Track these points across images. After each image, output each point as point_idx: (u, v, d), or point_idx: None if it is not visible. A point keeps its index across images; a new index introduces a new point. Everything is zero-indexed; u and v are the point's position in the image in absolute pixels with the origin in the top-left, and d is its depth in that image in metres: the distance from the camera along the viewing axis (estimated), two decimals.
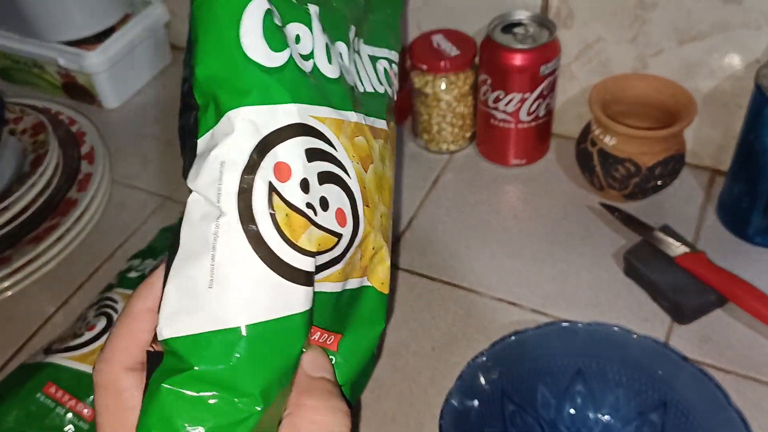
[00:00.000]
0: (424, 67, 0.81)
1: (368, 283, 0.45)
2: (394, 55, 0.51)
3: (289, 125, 0.36)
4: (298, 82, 0.37)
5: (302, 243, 0.36)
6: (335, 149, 0.39)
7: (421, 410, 0.65)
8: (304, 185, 0.36)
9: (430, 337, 0.70)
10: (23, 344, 0.73)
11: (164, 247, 0.73)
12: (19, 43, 0.98)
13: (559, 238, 0.77)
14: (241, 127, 0.35)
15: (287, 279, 0.35)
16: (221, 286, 0.34)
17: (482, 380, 0.59)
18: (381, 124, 0.46)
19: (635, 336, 0.59)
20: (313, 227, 0.37)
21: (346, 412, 0.39)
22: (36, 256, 0.77)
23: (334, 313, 0.42)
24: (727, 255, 0.72)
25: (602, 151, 0.75)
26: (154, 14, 1.01)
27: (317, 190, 0.37)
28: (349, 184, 0.39)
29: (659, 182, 0.76)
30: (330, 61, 0.40)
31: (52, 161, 0.82)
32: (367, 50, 0.48)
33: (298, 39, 0.39)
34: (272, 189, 0.35)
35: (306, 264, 0.36)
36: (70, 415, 0.59)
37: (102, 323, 0.64)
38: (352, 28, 0.45)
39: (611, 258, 0.75)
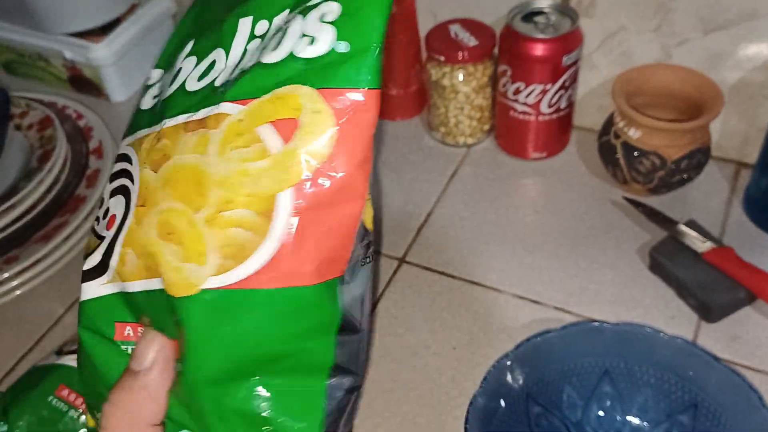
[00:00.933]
0: (441, 58, 0.79)
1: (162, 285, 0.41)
2: None
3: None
4: (129, 125, 0.48)
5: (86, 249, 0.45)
6: (131, 164, 0.44)
7: (443, 412, 0.63)
8: (101, 202, 0.46)
9: (450, 336, 0.68)
10: (33, 345, 0.71)
11: None
12: (24, 35, 0.97)
13: (581, 233, 0.75)
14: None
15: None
16: None
17: (508, 381, 0.58)
18: (225, 108, 0.40)
19: (665, 336, 0.58)
20: (91, 234, 0.46)
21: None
22: (44, 255, 0.76)
23: (157, 315, 0.41)
24: (754, 250, 0.70)
25: (626, 144, 0.73)
26: (161, 5, 0.99)
27: (106, 204, 0.45)
28: (131, 190, 0.43)
29: (684, 176, 0.74)
30: (170, 85, 0.45)
31: (60, 157, 0.80)
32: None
33: (159, 81, 0.48)
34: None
35: (85, 264, 0.45)
36: (83, 418, 0.58)
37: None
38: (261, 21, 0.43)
39: (635, 254, 0.73)
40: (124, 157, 0.45)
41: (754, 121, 0.77)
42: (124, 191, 0.43)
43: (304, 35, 0.39)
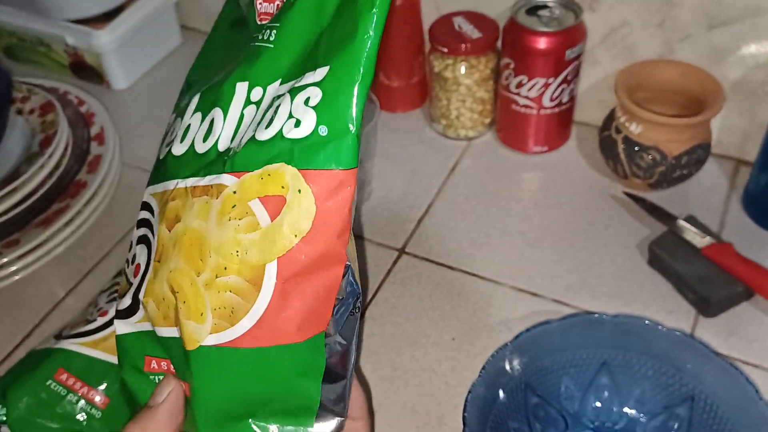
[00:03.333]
0: (445, 49, 0.79)
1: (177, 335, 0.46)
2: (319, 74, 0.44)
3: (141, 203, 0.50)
4: (153, 173, 0.50)
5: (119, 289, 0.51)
6: (153, 215, 0.48)
7: (442, 401, 0.63)
8: (130, 246, 0.50)
9: (449, 327, 0.68)
10: (32, 329, 0.71)
11: None
12: (26, 20, 0.97)
13: (581, 227, 0.76)
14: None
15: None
16: None
17: (507, 371, 0.58)
18: (224, 179, 0.44)
19: (663, 328, 0.58)
20: (123, 276, 0.50)
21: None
22: (45, 239, 0.76)
23: (176, 359, 0.46)
24: (752, 246, 0.70)
25: (627, 139, 0.74)
26: None
27: (133, 250, 0.49)
28: (151, 242, 0.47)
29: (685, 171, 0.74)
30: (182, 140, 0.48)
31: (61, 141, 0.80)
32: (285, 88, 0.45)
33: (171, 131, 0.50)
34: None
35: (119, 304, 0.50)
36: (82, 402, 0.58)
37: (114, 309, 0.62)
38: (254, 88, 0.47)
39: (635, 248, 0.73)
40: (147, 206, 0.49)
41: (755, 119, 0.77)
42: (146, 242, 0.48)
43: (291, 116, 0.43)
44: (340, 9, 0.44)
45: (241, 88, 0.46)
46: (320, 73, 0.43)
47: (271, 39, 0.46)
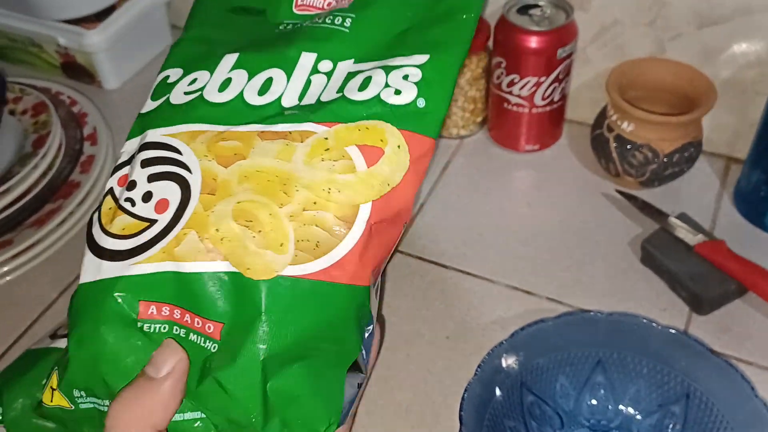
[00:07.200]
0: None
1: (231, 269, 0.44)
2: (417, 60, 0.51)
3: (140, 146, 0.50)
4: (160, 117, 0.51)
5: (110, 228, 0.47)
6: (181, 154, 0.48)
7: (437, 400, 0.63)
8: (131, 185, 0.48)
9: (443, 325, 0.68)
10: (26, 329, 0.71)
11: None
12: (17, 20, 0.96)
13: (573, 225, 0.76)
14: (121, 156, 0.51)
15: (95, 255, 0.47)
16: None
17: (503, 369, 0.58)
18: (309, 127, 0.48)
19: (658, 326, 0.58)
20: (124, 216, 0.47)
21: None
22: (38, 239, 0.76)
23: (197, 300, 0.45)
24: (744, 244, 0.71)
25: (619, 137, 0.74)
26: None
27: (143, 187, 0.47)
28: (187, 178, 0.47)
29: (676, 169, 0.74)
30: (221, 90, 0.50)
31: (54, 142, 0.80)
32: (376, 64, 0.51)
33: (193, 82, 0.52)
34: (109, 192, 0.49)
35: (110, 244, 0.47)
36: None
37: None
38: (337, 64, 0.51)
39: (627, 246, 0.73)
40: (164, 146, 0.49)
41: (745, 117, 0.77)
42: (174, 178, 0.47)
43: (388, 86, 0.48)
44: (432, 6, 0.52)
45: (308, 57, 0.51)
46: (418, 59, 0.49)
47: (346, 25, 0.52)
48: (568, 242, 0.75)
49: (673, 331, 0.58)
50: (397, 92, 0.48)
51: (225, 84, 0.51)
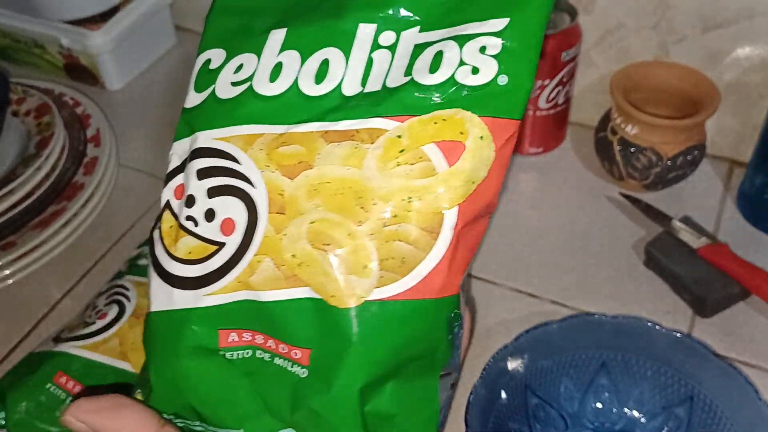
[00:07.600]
0: None
1: (313, 295, 0.41)
2: (494, 25, 0.43)
3: (192, 151, 0.44)
4: (208, 115, 0.45)
5: (175, 251, 0.43)
6: (239, 163, 0.43)
7: None
8: (190, 201, 0.43)
9: None
10: (29, 331, 0.71)
11: None
12: (20, 21, 0.96)
13: (577, 228, 0.76)
14: (171, 160, 0.46)
15: (165, 281, 0.43)
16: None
17: (508, 371, 0.58)
18: (377, 123, 0.42)
19: (662, 329, 0.58)
20: (189, 237, 0.43)
21: None
22: (41, 241, 0.76)
23: (284, 325, 0.42)
24: (747, 247, 0.71)
25: (623, 140, 0.74)
26: None
27: (204, 204, 0.43)
28: (250, 193, 0.42)
29: (680, 172, 0.75)
30: (273, 80, 0.44)
31: (58, 143, 0.80)
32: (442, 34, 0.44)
33: (239, 68, 0.45)
34: (167, 206, 0.44)
35: (179, 270, 0.43)
36: None
37: (114, 311, 0.62)
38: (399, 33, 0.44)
39: (631, 249, 0.73)
40: (219, 153, 0.44)
41: (749, 120, 0.77)
42: (236, 193, 0.43)
43: (463, 63, 0.41)
44: None
45: (365, 30, 0.44)
46: (495, 24, 0.42)
47: None
48: (571, 245, 0.75)
49: (677, 334, 0.58)
50: (475, 71, 0.41)
51: (276, 70, 0.45)
